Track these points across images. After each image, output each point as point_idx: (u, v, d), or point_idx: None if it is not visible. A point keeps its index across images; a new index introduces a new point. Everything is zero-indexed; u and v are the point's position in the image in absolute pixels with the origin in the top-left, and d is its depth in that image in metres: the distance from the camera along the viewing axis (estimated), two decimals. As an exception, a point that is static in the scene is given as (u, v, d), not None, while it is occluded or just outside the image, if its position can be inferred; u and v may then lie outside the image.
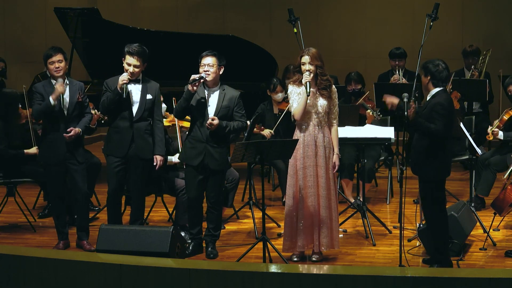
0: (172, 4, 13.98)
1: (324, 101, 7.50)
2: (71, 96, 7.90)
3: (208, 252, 7.79)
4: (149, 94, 7.89)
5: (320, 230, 7.55)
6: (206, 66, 7.67)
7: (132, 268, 5.86)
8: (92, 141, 12.71)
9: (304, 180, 7.52)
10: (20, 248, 7.43)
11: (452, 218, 7.70)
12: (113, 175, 7.89)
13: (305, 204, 7.53)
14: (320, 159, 7.52)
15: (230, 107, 7.72)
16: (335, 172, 7.69)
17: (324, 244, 7.56)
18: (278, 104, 9.63)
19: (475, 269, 7.14)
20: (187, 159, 7.76)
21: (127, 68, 7.78)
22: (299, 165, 7.53)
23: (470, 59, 10.98)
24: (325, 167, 7.52)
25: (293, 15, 9.52)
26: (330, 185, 7.56)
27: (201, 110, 7.67)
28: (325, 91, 7.51)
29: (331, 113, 7.55)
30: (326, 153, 7.53)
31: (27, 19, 13.39)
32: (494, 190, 9.02)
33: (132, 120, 7.84)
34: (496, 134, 8.87)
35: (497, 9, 13.12)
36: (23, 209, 8.95)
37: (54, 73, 7.83)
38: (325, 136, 7.54)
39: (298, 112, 7.46)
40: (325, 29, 13.47)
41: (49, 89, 7.83)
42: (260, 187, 7.72)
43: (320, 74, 7.50)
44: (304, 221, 7.54)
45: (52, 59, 7.82)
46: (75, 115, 7.91)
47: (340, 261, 7.70)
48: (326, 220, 7.54)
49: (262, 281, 5.65)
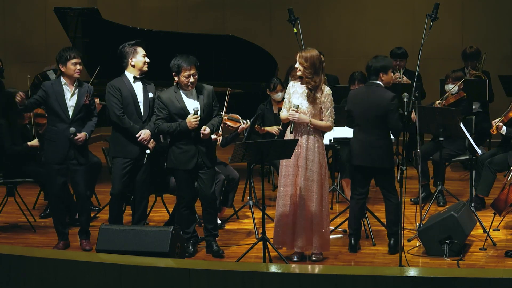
0: (172, 4, 13.98)
1: (309, 104, 7.52)
2: (78, 98, 7.90)
3: (215, 251, 7.80)
4: (150, 93, 7.93)
5: (295, 230, 7.58)
6: (191, 77, 7.61)
7: (132, 268, 5.85)
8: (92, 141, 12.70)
9: (284, 178, 7.61)
10: (20, 248, 7.43)
11: (452, 218, 7.71)
12: (120, 177, 7.87)
13: (280, 203, 7.62)
14: (301, 159, 7.53)
15: (210, 103, 7.74)
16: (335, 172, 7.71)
17: (297, 245, 7.60)
18: (277, 103, 9.63)
19: (475, 269, 7.13)
20: (179, 165, 7.70)
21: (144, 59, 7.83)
22: (283, 163, 7.63)
23: (469, 61, 10.95)
24: (304, 168, 7.52)
25: (293, 15, 9.52)
26: (310, 187, 7.54)
27: (184, 115, 7.63)
28: (310, 94, 7.52)
29: (322, 115, 7.55)
30: (308, 154, 7.53)
31: (27, 19, 13.39)
32: (494, 190, 9.02)
33: (142, 121, 7.87)
34: (500, 128, 8.85)
35: (497, 9, 13.11)
36: (23, 209, 8.95)
37: (75, 74, 7.86)
38: (309, 137, 7.55)
39: (282, 119, 7.76)
40: (325, 29, 13.47)
41: (58, 89, 7.86)
42: (260, 187, 7.72)
43: (306, 76, 7.52)
44: (279, 218, 7.63)
45: (74, 60, 7.84)
46: (79, 117, 7.91)
47: (340, 261, 7.70)
48: (300, 221, 7.56)
49: (262, 281, 5.65)
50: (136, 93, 7.87)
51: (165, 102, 7.62)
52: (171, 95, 7.65)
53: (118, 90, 7.83)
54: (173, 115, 7.63)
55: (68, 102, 7.87)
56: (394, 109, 7.67)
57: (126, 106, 7.84)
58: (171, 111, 7.62)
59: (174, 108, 7.62)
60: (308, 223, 7.56)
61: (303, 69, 7.52)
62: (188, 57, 7.61)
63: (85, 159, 7.99)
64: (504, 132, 8.89)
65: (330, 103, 7.57)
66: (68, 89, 7.89)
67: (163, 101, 7.63)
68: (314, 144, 7.55)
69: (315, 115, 7.53)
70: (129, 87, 7.86)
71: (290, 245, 7.67)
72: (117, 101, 7.82)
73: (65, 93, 7.87)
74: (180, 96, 7.65)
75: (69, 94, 7.88)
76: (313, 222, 7.56)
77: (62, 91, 7.86)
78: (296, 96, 7.57)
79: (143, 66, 7.86)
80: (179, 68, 7.57)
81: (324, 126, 7.59)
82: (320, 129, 7.60)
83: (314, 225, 7.56)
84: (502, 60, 12.73)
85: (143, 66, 7.86)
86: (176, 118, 7.62)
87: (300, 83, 7.60)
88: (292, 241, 7.64)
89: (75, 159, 7.91)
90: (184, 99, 7.65)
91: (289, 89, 7.64)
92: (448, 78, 9.85)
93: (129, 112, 7.85)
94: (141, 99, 7.89)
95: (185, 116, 7.61)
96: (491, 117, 10.59)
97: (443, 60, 12.73)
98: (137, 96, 7.87)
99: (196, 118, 7.55)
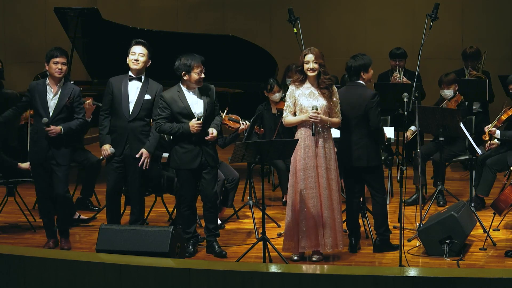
0: (172, 4, 13.98)
1: (324, 101, 7.50)
2: (60, 99, 7.88)
3: (218, 252, 7.79)
4: (147, 95, 7.89)
5: (324, 231, 7.55)
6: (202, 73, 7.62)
7: (132, 268, 5.86)
8: (92, 141, 12.72)
9: (305, 182, 7.51)
10: (20, 248, 7.42)
11: (452, 218, 7.71)
12: (110, 173, 7.92)
13: (307, 206, 7.51)
14: (321, 160, 7.51)
15: (212, 102, 7.74)
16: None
17: (328, 244, 7.56)
18: (276, 104, 9.63)
19: (475, 269, 7.13)
20: (183, 165, 7.69)
21: (131, 57, 7.80)
22: (299, 166, 7.53)
23: (469, 62, 10.94)
24: (325, 167, 7.52)
25: (293, 15, 9.52)
26: (331, 185, 7.55)
27: (187, 114, 7.64)
28: (326, 91, 7.51)
29: (332, 112, 7.55)
30: (326, 153, 7.53)
31: (27, 19, 13.39)
32: (494, 190, 9.02)
33: (128, 120, 7.86)
34: (493, 133, 8.85)
35: (497, 9, 13.12)
36: (23, 209, 8.96)
37: (55, 74, 7.82)
38: (325, 136, 7.55)
39: (288, 124, 7.64)
40: (325, 29, 13.47)
41: (42, 89, 7.84)
42: (260, 187, 7.72)
43: (323, 73, 7.52)
44: (306, 222, 7.52)
45: (56, 59, 7.82)
46: (60, 118, 7.84)
47: (340, 261, 7.70)
48: (328, 221, 7.54)
49: (262, 281, 5.65)
50: (129, 92, 7.86)
51: (167, 102, 7.62)
52: (173, 95, 7.65)
53: (111, 87, 7.87)
54: (176, 115, 7.63)
55: (50, 102, 7.85)
56: (375, 107, 7.65)
57: (115, 103, 7.86)
58: (174, 110, 7.61)
59: (177, 107, 7.62)
60: (333, 222, 7.56)
61: (318, 66, 7.49)
62: (194, 55, 7.62)
63: (64, 159, 7.90)
64: (498, 136, 8.89)
65: (338, 99, 7.59)
66: (51, 89, 7.87)
67: (165, 101, 7.63)
68: (329, 142, 7.56)
69: (327, 113, 7.54)
70: (123, 85, 7.86)
71: (316, 246, 7.57)
72: (105, 98, 7.90)
73: (47, 93, 7.85)
74: (183, 95, 7.65)
75: (52, 94, 7.86)
76: (336, 220, 7.57)
77: (45, 91, 7.85)
78: (304, 98, 7.51)
79: (130, 63, 7.85)
80: (191, 66, 7.57)
81: (337, 123, 7.62)
82: (333, 126, 7.62)
83: (337, 223, 7.58)
84: (502, 60, 12.74)
85: (130, 63, 7.85)
86: (179, 118, 7.62)
87: (304, 85, 7.56)
88: (318, 242, 7.55)
89: (54, 159, 7.89)
90: (187, 98, 7.65)
91: (293, 92, 7.57)
92: (442, 84, 9.73)
93: (116, 110, 7.87)
94: (132, 98, 7.85)
95: (188, 115, 7.60)
96: (491, 117, 10.59)
97: (443, 60, 12.74)
98: (128, 95, 7.86)
99: (199, 124, 7.55)
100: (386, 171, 9.62)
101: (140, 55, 7.83)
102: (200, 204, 7.94)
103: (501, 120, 8.90)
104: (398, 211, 8.62)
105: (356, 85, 7.75)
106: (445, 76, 9.73)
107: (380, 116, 7.70)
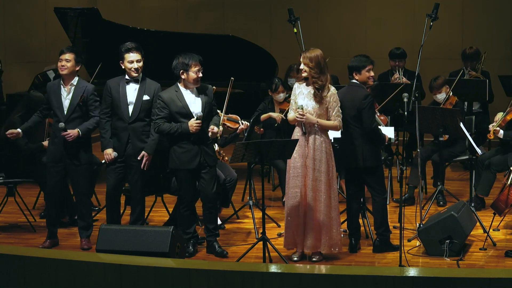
0: (172, 4, 13.98)
1: (315, 104, 7.52)
2: (73, 98, 7.92)
3: (219, 252, 7.79)
4: (146, 95, 7.89)
5: (305, 231, 7.57)
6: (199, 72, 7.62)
7: (132, 268, 5.86)
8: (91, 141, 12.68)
9: (292, 180, 7.59)
10: (20, 248, 7.43)
11: (452, 218, 7.71)
12: (110, 173, 7.93)
13: (290, 204, 7.61)
14: (310, 160, 7.52)
15: (210, 102, 7.75)
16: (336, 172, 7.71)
17: (308, 245, 7.58)
18: (279, 104, 9.63)
19: (475, 269, 7.14)
20: (182, 164, 7.69)
21: (130, 66, 7.80)
22: (291, 164, 7.59)
23: (469, 62, 10.92)
24: (312, 168, 7.52)
25: (293, 15, 9.51)
26: (318, 187, 7.54)
27: (186, 114, 7.64)
28: (318, 93, 7.51)
29: (330, 115, 7.54)
30: (316, 155, 7.53)
31: (27, 19, 13.39)
32: (494, 190, 9.02)
33: (128, 121, 7.86)
34: (497, 132, 8.86)
35: (497, 9, 13.11)
36: (23, 209, 8.95)
37: (59, 70, 7.93)
38: (318, 138, 7.54)
39: (289, 121, 7.75)
40: (325, 29, 13.47)
41: (56, 88, 7.93)
42: (260, 187, 7.72)
43: (312, 76, 7.52)
44: (287, 220, 7.63)
45: (61, 56, 7.88)
46: (75, 117, 7.91)
47: (340, 261, 7.70)
48: (311, 222, 7.55)
49: (262, 281, 5.66)
50: (127, 95, 7.87)
51: (166, 102, 7.62)
52: (171, 94, 7.65)
53: (109, 89, 7.88)
54: (174, 114, 7.63)
55: (64, 101, 7.91)
56: (367, 108, 7.64)
57: (114, 106, 7.86)
58: (172, 110, 7.61)
59: (175, 107, 7.62)
60: (317, 223, 7.55)
61: (308, 70, 7.51)
62: (192, 54, 7.62)
63: (83, 158, 7.99)
64: (501, 136, 8.89)
65: (335, 102, 7.55)
66: (64, 88, 7.92)
67: (163, 101, 7.63)
68: (321, 144, 7.55)
69: (321, 115, 7.53)
70: (121, 88, 7.87)
71: (300, 246, 7.64)
72: (104, 101, 7.91)
73: (61, 92, 7.92)
74: (181, 95, 7.65)
75: (65, 93, 7.93)
76: (321, 222, 7.55)
77: (59, 91, 7.93)
78: (301, 97, 7.56)
79: (130, 72, 7.86)
80: (188, 64, 7.58)
81: (332, 126, 7.58)
82: (328, 129, 7.60)
83: (322, 225, 7.56)
84: (502, 60, 12.73)
85: (130, 72, 7.85)
86: (177, 117, 7.62)
87: (305, 84, 7.59)
88: (295, 241, 7.63)
89: (71, 158, 7.92)
90: (186, 97, 7.65)
91: (295, 90, 7.63)
92: (433, 89, 9.72)
93: (115, 112, 7.88)
94: (131, 100, 7.87)
95: (186, 115, 7.60)
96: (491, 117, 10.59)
97: (443, 60, 12.73)
98: (127, 98, 7.86)
99: (198, 123, 7.55)
100: (386, 171, 9.62)
101: (137, 62, 7.83)
102: (200, 204, 7.94)
103: (506, 120, 8.90)
104: (398, 211, 8.62)
105: (353, 85, 7.77)
106: (434, 81, 9.74)
107: (373, 117, 7.69)
